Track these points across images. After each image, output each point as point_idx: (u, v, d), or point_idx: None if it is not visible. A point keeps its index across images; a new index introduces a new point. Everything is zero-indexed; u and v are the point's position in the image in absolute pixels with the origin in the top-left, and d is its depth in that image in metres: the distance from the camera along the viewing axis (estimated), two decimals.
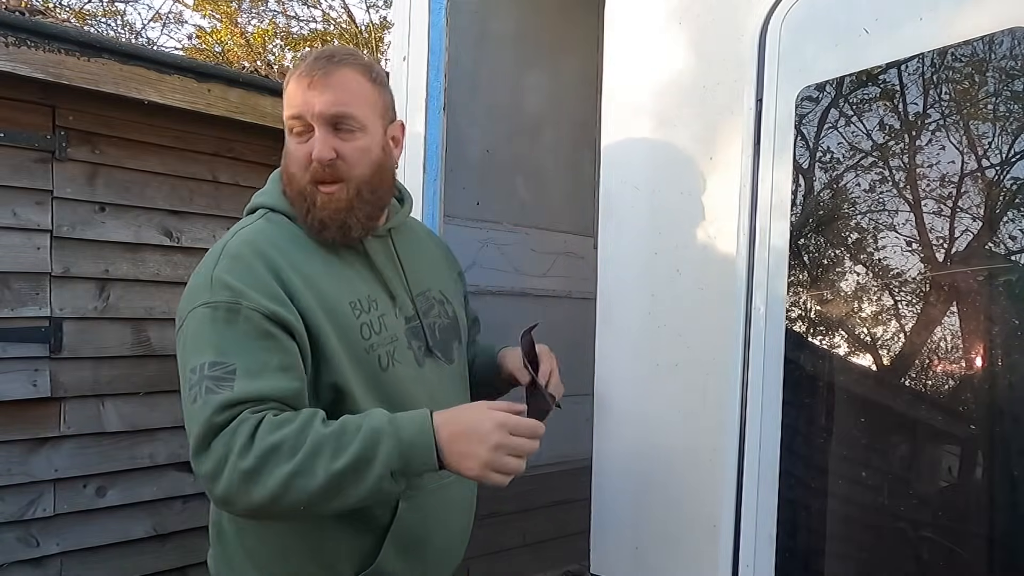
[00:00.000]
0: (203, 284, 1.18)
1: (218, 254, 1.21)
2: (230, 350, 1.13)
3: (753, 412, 1.14)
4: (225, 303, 1.15)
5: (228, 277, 1.17)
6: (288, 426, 1.09)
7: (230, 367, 1.11)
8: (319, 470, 1.06)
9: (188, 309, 1.18)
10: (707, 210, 1.28)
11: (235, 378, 1.10)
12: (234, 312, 1.14)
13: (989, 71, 1.00)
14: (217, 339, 1.13)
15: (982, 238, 0.99)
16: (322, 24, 11.00)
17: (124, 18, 9.88)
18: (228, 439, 1.07)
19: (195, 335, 1.15)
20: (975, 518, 1.03)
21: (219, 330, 1.14)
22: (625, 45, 1.45)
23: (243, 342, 1.13)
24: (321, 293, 1.22)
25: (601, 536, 1.45)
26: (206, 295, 1.16)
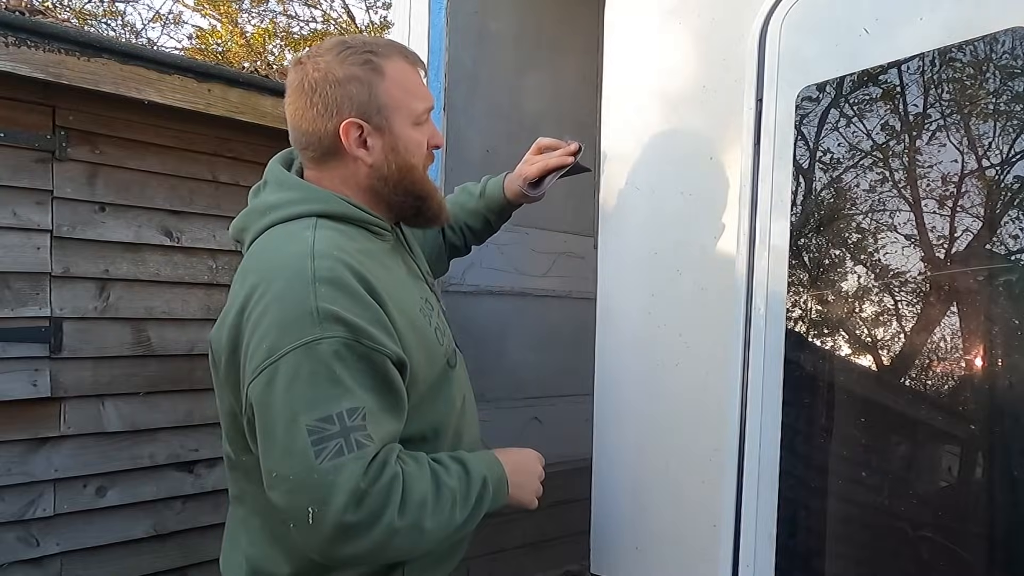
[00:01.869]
0: (303, 316, 1.05)
1: (311, 278, 1.07)
2: (355, 393, 1.04)
3: (753, 412, 1.14)
4: (342, 340, 1.05)
5: (336, 309, 1.05)
6: (423, 479, 1.10)
7: (361, 412, 1.04)
8: (452, 524, 1.11)
9: (287, 346, 1.04)
10: (707, 210, 1.28)
11: (367, 424, 1.04)
12: (351, 349, 1.05)
13: (989, 71, 1.00)
14: (342, 381, 1.04)
15: (982, 238, 0.99)
16: (322, 24, 11.00)
17: (124, 18, 9.88)
18: (384, 496, 1.03)
19: (311, 376, 1.03)
20: (975, 518, 1.03)
21: (341, 371, 1.04)
22: (625, 45, 1.45)
23: (363, 382, 1.06)
24: (403, 307, 1.17)
25: (601, 536, 1.45)
26: (313, 330, 1.04)
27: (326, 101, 1.19)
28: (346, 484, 1.00)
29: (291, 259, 1.11)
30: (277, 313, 1.07)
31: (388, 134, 1.22)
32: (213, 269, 2.89)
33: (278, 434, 1.04)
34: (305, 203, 1.20)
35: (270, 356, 1.05)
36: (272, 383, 1.04)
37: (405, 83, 1.23)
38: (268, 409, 1.05)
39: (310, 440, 1.01)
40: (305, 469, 1.01)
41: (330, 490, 1.00)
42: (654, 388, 1.36)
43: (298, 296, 1.06)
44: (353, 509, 1.01)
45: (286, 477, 1.03)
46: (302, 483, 1.02)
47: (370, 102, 1.19)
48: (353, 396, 1.04)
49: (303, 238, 1.14)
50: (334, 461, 1.00)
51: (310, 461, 1.00)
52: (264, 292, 1.09)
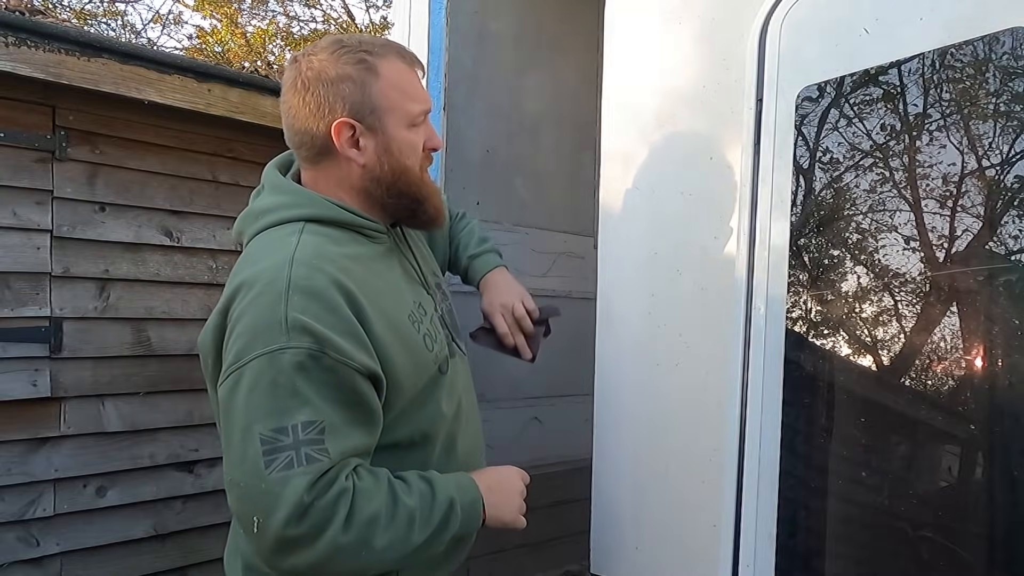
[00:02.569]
0: (273, 325, 1.04)
1: (284, 287, 1.06)
2: (315, 406, 1.03)
3: (753, 412, 1.14)
4: (307, 351, 1.04)
5: (306, 319, 1.04)
6: (379, 496, 1.08)
7: (319, 426, 1.03)
8: (408, 544, 1.09)
9: (252, 353, 1.04)
10: (707, 210, 1.28)
11: (324, 439, 1.03)
12: (316, 360, 1.04)
13: (989, 71, 1.00)
14: (301, 393, 1.03)
15: (982, 238, 0.99)
16: (322, 24, 11.00)
17: (124, 18, 9.88)
18: (329, 511, 1.02)
19: (271, 386, 1.03)
20: (974, 518, 1.03)
21: (302, 382, 1.03)
22: (625, 45, 1.45)
23: (326, 394, 1.05)
24: (388, 314, 1.16)
25: (601, 536, 1.45)
26: (280, 338, 1.03)
27: (318, 100, 1.17)
28: (290, 497, 1.00)
29: (271, 266, 1.10)
30: (249, 319, 1.07)
31: (381, 135, 1.20)
32: (213, 269, 2.89)
33: (234, 440, 1.04)
34: (294, 208, 1.20)
35: (237, 361, 1.05)
36: (235, 389, 1.05)
37: (400, 84, 1.21)
38: (229, 414, 1.06)
39: (262, 450, 1.01)
40: (254, 478, 1.02)
41: (275, 501, 1.00)
42: (654, 388, 1.36)
43: (270, 304, 1.06)
44: (295, 523, 1.00)
45: (237, 483, 1.04)
46: (250, 491, 1.02)
47: (363, 102, 1.17)
48: (311, 409, 1.03)
49: (286, 244, 1.13)
50: (282, 473, 1.01)
51: (259, 471, 1.01)
52: (243, 297, 1.09)
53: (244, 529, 1.05)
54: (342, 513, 1.03)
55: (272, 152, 1.42)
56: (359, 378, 1.08)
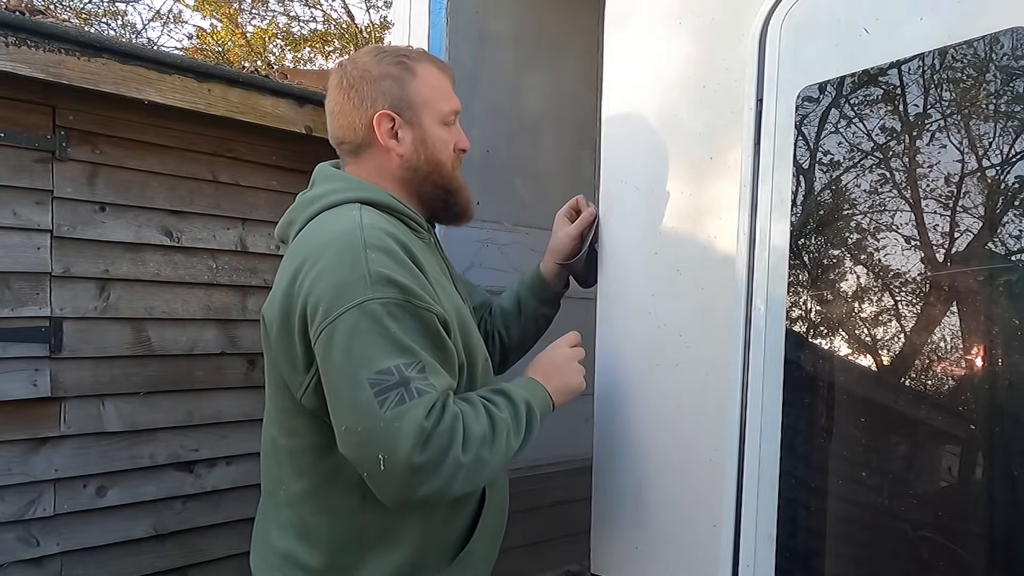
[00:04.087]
0: (357, 279, 1.12)
1: (361, 246, 1.15)
2: (409, 347, 1.11)
3: (753, 412, 1.14)
4: (392, 300, 1.12)
5: (388, 272, 1.13)
6: (480, 415, 1.17)
7: (418, 364, 1.11)
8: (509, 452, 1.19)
9: (341, 307, 1.11)
10: (707, 210, 1.28)
11: (426, 375, 1.11)
12: (401, 308, 1.12)
13: (989, 71, 1.00)
14: (396, 337, 1.11)
15: (982, 238, 0.99)
16: (322, 24, 11.00)
17: (125, 18, 9.89)
18: (448, 435, 1.09)
19: (367, 334, 1.10)
20: (975, 518, 1.03)
21: (395, 327, 1.11)
22: (625, 45, 1.45)
23: (416, 337, 1.13)
24: (446, 292, 1.27)
25: (601, 536, 1.45)
26: (366, 291, 1.11)
27: (362, 95, 1.31)
28: (410, 427, 1.06)
29: (341, 232, 1.18)
30: (331, 278, 1.13)
31: (418, 128, 1.33)
32: (213, 269, 2.89)
33: (342, 390, 1.10)
34: (348, 191, 1.28)
35: (327, 318, 1.11)
36: (330, 343, 1.11)
37: (435, 85, 1.35)
38: (330, 367, 1.12)
39: (372, 392, 1.07)
40: (371, 419, 1.07)
41: (397, 435, 1.06)
42: (654, 388, 1.36)
43: (350, 262, 1.13)
44: (420, 450, 1.06)
45: (355, 429, 1.09)
46: (370, 433, 1.07)
47: (402, 98, 1.31)
48: (407, 350, 1.11)
49: (350, 216, 1.21)
50: (397, 409, 1.07)
51: (375, 411, 1.07)
52: (316, 261, 1.16)
53: (369, 472, 1.10)
54: (459, 435, 1.10)
55: (272, 152, 1.44)
56: (438, 324, 1.17)
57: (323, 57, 10.95)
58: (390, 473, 1.07)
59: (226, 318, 2.91)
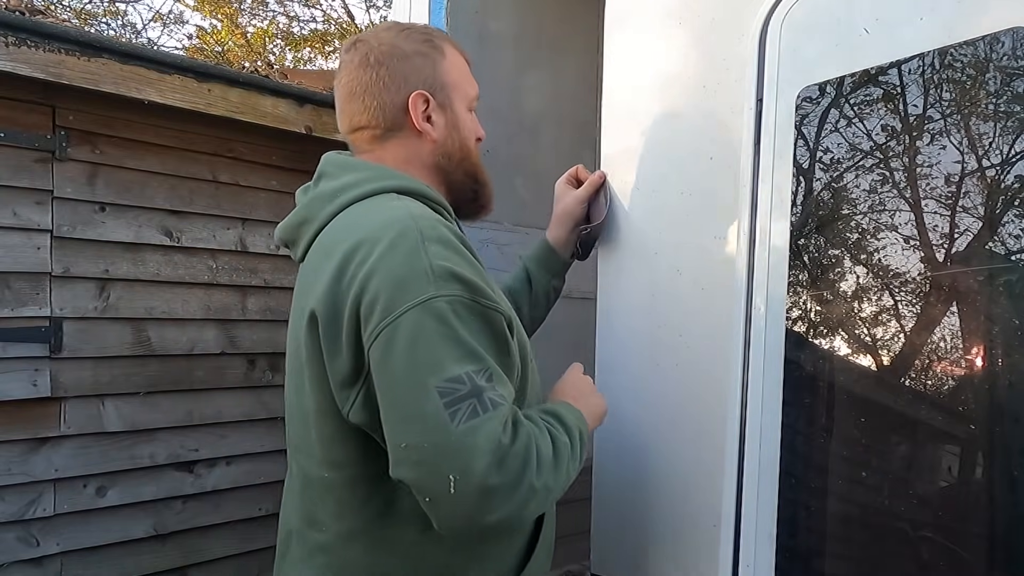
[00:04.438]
0: (417, 274, 0.98)
1: (418, 237, 1.00)
2: (478, 352, 0.98)
3: (753, 412, 1.14)
4: (459, 298, 0.98)
5: (451, 266, 1.00)
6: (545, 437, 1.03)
7: (487, 372, 0.97)
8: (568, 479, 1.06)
9: (402, 306, 0.96)
10: (707, 210, 1.28)
11: (494, 385, 0.97)
12: (468, 308, 0.99)
13: (989, 71, 1.00)
14: (464, 340, 0.97)
15: (982, 238, 0.99)
16: (322, 24, 11.01)
17: (125, 18, 9.89)
18: (524, 455, 0.96)
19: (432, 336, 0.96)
20: (975, 518, 1.03)
21: (461, 329, 0.98)
22: (625, 45, 1.45)
23: (483, 341, 1.00)
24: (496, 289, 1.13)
25: (601, 536, 1.45)
26: (428, 288, 0.97)
27: (393, 74, 1.17)
28: (486, 444, 0.93)
29: (390, 221, 1.03)
30: (388, 272, 0.98)
31: (450, 112, 1.22)
32: (213, 269, 2.89)
33: (406, 399, 0.96)
34: (381, 180, 1.14)
35: (386, 317, 0.97)
36: (390, 346, 0.96)
37: (460, 67, 1.25)
38: (390, 373, 0.97)
39: (442, 403, 0.93)
40: (441, 434, 0.93)
41: (471, 452, 0.92)
42: (654, 388, 1.36)
43: (408, 254, 0.99)
44: (496, 470, 0.93)
45: (419, 445, 0.94)
46: (439, 450, 0.93)
47: (435, 78, 1.20)
48: (476, 355, 0.97)
49: (393, 206, 1.07)
50: (470, 423, 0.93)
51: (445, 425, 0.92)
52: (368, 254, 1.01)
53: (433, 497, 0.95)
54: (534, 455, 0.98)
55: (272, 152, 1.42)
56: (506, 325, 1.04)
57: (323, 57, 10.95)
58: (460, 496, 0.92)
59: (226, 318, 2.91)
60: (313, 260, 1.12)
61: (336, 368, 1.03)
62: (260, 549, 2.90)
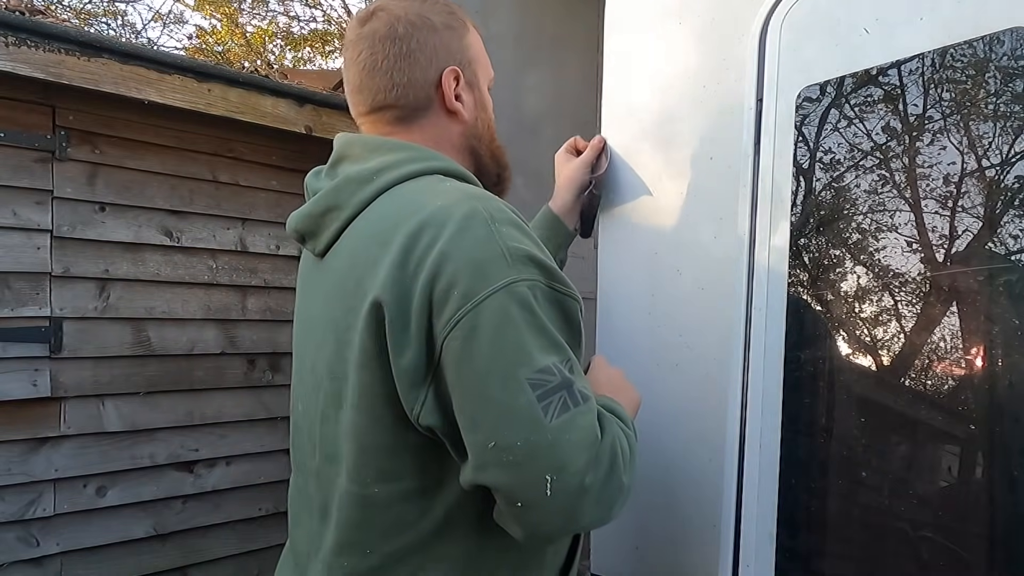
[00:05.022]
0: (495, 257, 0.89)
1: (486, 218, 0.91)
2: (561, 342, 0.91)
3: (753, 412, 1.14)
4: (537, 282, 0.90)
5: (528, 249, 0.91)
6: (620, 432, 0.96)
7: (570, 363, 0.90)
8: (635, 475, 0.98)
9: (485, 290, 0.87)
10: (707, 210, 1.28)
11: (576, 376, 0.90)
12: (546, 293, 0.92)
13: (989, 71, 1.00)
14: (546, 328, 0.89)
15: (982, 238, 0.99)
16: (322, 24, 11.01)
17: (125, 18, 9.89)
18: (615, 450, 0.90)
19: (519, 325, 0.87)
20: (975, 518, 1.03)
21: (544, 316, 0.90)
22: (625, 45, 1.45)
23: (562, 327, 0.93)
24: None
25: (601, 536, 1.45)
26: (508, 271, 0.88)
27: (424, 47, 1.06)
28: (583, 440, 0.86)
29: (452, 203, 0.93)
30: (463, 255, 0.89)
31: (477, 91, 1.12)
32: (213, 269, 2.90)
33: (494, 393, 0.86)
34: (424, 160, 1.03)
35: (466, 303, 0.87)
36: (474, 334, 0.87)
37: (480, 44, 1.15)
38: (475, 365, 0.87)
39: (535, 395, 0.85)
40: (535, 432, 0.85)
41: (568, 449, 0.85)
42: (654, 388, 1.36)
43: (482, 236, 0.90)
44: (594, 467, 0.87)
45: (511, 445, 0.85)
46: (533, 449, 0.85)
47: (463, 52, 1.10)
48: (558, 345, 0.90)
49: (449, 187, 0.98)
50: (563, 417, 0.86)
51: (539, 421, 0.85)
52: (435, 236, 0.90)
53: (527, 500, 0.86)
54: (619, 451, 0.91)
55: (272, 152, 1.41)
56: (579, 313, 0.97)
57: (323, 57, 10.96)
58: (557, 498, 0.85)
59: (226, 318, 2.92)
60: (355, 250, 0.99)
61: (405, 364, 0.91)
62: (260, 549, 2.91)
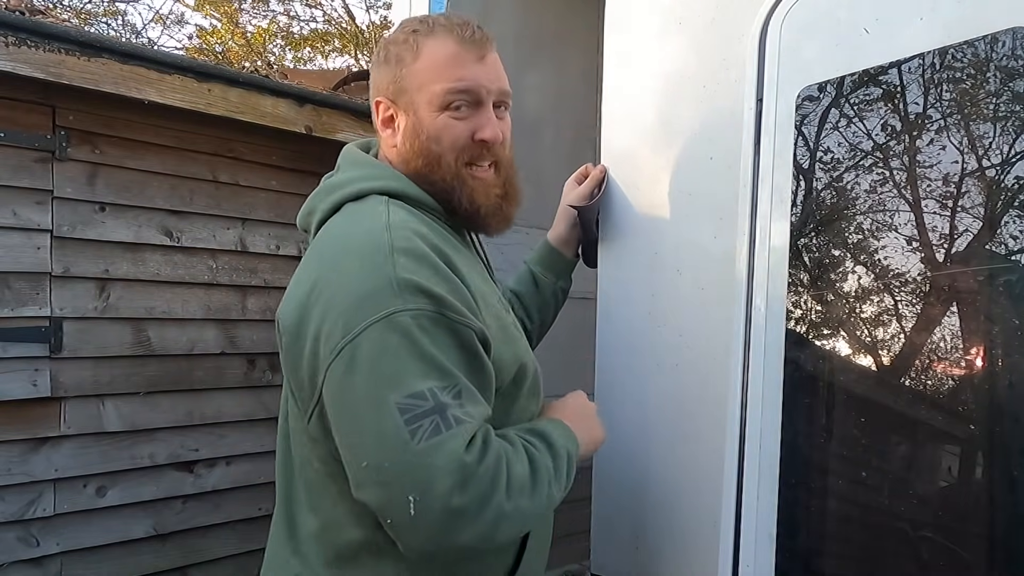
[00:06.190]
0: (382, 288, 0.95)
1: (388, 249, 0.99)
2: (446, 369, 0.95)
3: (753, 412, 1.14)
4: (425, 312, 0.95)
5: (419, 280, 0.97)
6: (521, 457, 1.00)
7: (455, 388, 0.94)
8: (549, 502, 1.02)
9: (365, 321, 0.94)
10: (707, 210, 1.28)
11: (463, 402, 0.94)
12: (437, 323, 0.96)
13: (989, 71, 1.00)
14: (429, 355, 0.94)
15: (982, 238, 0.99)
16: (323, 24, 11.01)
17: (125, 18, 9.89)
18: (492, 475, 0.93)
19: (397, 351, 0.93)
20: (974, 518, 1.03)
21: (428, 343, 0.94)
22: (625, 45, 1.45)
23: (452, 356, 0.96)
24: (482, 294, 1.09)
25: (601, 536, 1.45)
26: (393, 301, 0.94)
27: (373, 78, 1.20)
28: (448, 463, 0.90)
29: (365, 231, 1.03)
30: (352, 287, 0.97)
31: (412, 116, 1.14)
32: (213, 269, 2.90)
33: (365, 419, 0.93)
34: (373, 180, 1.13)
35: (347, 334, 0.94)
36: (352, 364, 0.94)
37: (438, 63, 1.13)
38: (350, 393, 0.95)
39: (403, 419, 0.90)
40: (400, 453, 0.90)
41: (432, 472, 0.89)
42: (654, 388, 1.36)
43: (374, 267, 0.97)
44: (460, 490, 0.90)
45: (378, 466, 0.91)
46: (399, 469, 0.90)
47: (396, 80, 1.15)
48: (443, 370, 0.94)
49: (377, 212, 1.06)
50: (431, 440, 0.90)
51: (405, 443, 0.90)
52: (337, 267, 1.01)
53: (394, 520, 0.92)
54: (503, 477, 0.94)
55: (272, 152, 1.41)
56: (477, 343, 1.00)
57: (323, 57, 10.96)
58: (421, 518, 0.90)
59: (226, 318, 2.91)
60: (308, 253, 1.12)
61: (298, 378, 1.04)
62: (260, 549, 2.88)
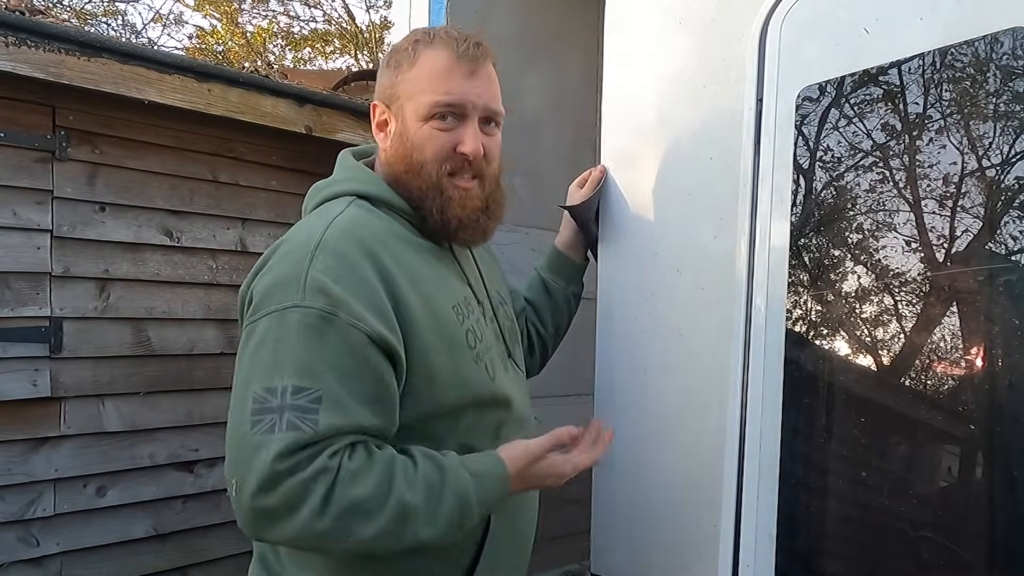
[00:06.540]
0: (291, 281, 1.02)
1: (313, 247, 1.04)
2: (316, 372, 0.98)
3: (753, 412, 1.14)
4: (317, 311, 0.99)
5: (326, 280, 1.01)
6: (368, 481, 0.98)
7: (314, 394, 0.97)
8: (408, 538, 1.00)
9: (266, 309, 1.02)
10: (707, 210, 1.28)
11: (319, 409, 0.96)
12: (327, 323, 0.99)
13: (989, 71, 1.00)
14: (302, 356, 0.98)
15: (982, 238, 0.99)
16: (322, 24, 11.00)
17: (125, 18, 9.89)
18: (301, 489, 0.94)
19: (275, 344, 0.99)
20: (974, 518, 1.03)
21: (305, 344, 0.99)
22: (625, 45, 1.45)
23: (332, 361, 0.99)
24: (428, 298, 1.11)
25: (601, 536, 1.45)
26: (294, 296, 1.00)
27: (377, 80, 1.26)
28: (260, 465, 0.94)
29: (309, 227, 1.10)
30: (272, 276, 1.06)
31: (401, 122, 1.19)
32: (213, 269, 2.90)
33: (235, 395, 1.01)
34: (347, 183, 1.22)
35: (252, 315, 1.04)
36: (245, 343, 1.03)
37: (430, 73, 1.17)
38: (238, 367, 1.04)
39: (251, 408, 0.97)
40: (239, 437, 0.97)
41: (250, 467, 0.95)
42: (654, 388, 1.36)
43: (295, 261, 1.04)
44: (264, 494, 0.94)
45: (229, 437, 1.00)
46: (234, 450, 0.99)
47: (391, 87, 1.21)
48: (310, 374, 0.97)
49: (333, 212, 1.13)
50: (261, 437, 0.95)
51: (245, 430, 0.96)
52: (274, 254, 1.10)
53: (229, 490, 1.00)
54: (318, 494, 0.94)
55: (272, 152, 1.42)
56: (372, 348, 1.01)
57: (323, 57, 10.95)
58: (236, 503, 0.97)
59: (226, 318, 2.91)
60: None
61: None
62: None
